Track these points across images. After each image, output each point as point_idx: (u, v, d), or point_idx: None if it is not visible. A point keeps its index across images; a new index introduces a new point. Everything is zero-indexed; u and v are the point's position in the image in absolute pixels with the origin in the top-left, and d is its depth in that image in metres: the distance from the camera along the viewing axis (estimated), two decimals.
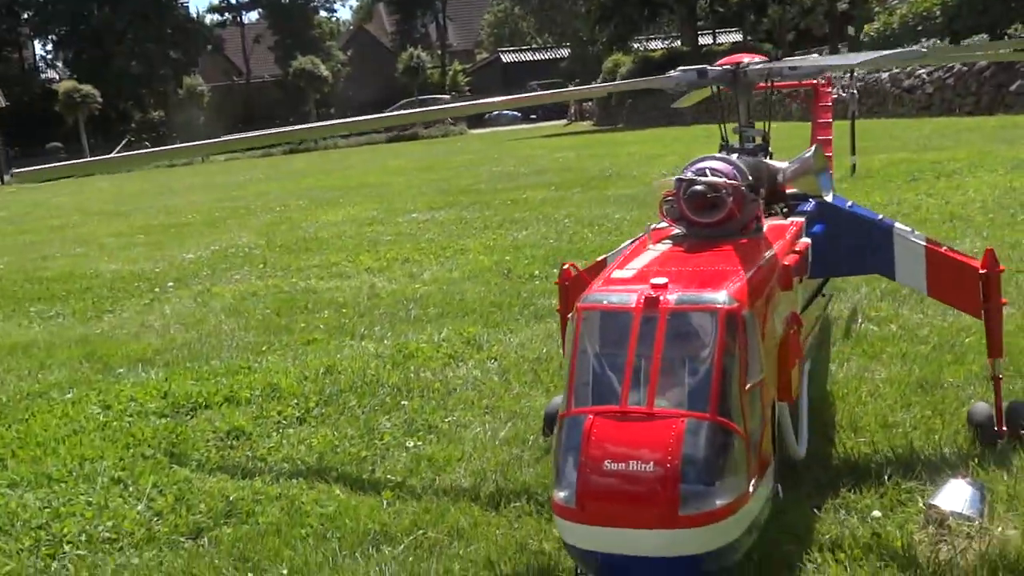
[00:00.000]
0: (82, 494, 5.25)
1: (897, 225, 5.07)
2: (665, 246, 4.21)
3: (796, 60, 5.22)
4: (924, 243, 4.95)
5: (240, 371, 7.42)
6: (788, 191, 4.78)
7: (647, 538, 3.13)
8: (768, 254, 4.02)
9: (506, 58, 76.53)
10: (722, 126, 5.13)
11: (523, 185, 20.30)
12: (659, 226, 4.49)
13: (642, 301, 3.44)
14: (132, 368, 7.96)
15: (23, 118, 52.47)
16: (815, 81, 6.88)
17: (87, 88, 46.82)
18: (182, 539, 4.71)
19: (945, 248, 5.01)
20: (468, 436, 5.64)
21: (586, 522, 3.22)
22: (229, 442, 5.93)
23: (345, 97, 62.40)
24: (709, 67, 4.94)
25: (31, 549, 4.69)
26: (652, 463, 3.13)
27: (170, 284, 12.11)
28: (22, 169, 2.74)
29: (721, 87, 5.10)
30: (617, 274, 3.87)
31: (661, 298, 3.44)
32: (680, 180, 4.21)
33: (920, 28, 31.05)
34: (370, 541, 4.45)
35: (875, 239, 5.03)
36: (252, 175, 34.71)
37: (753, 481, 3.32)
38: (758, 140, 5.05)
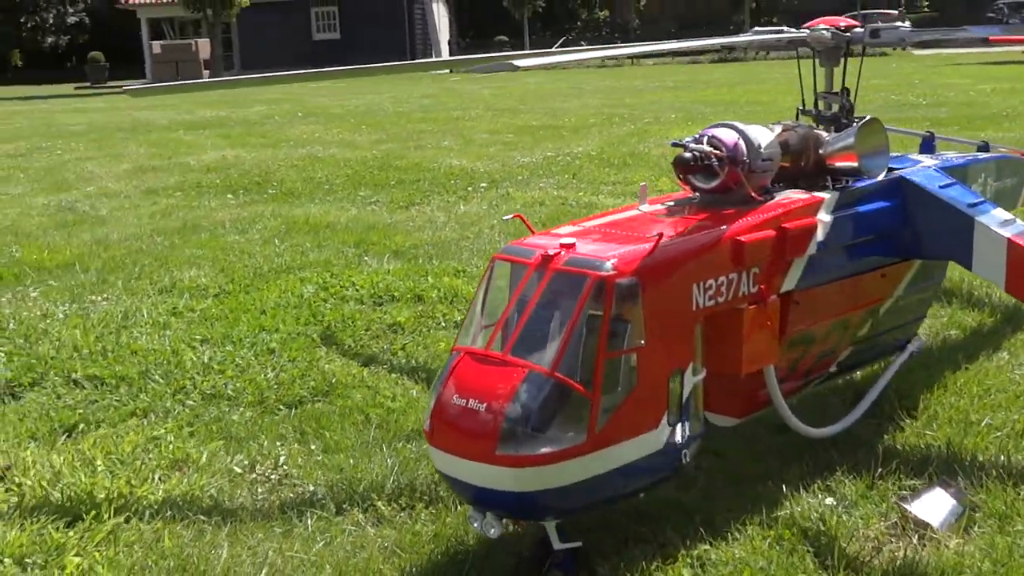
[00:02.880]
0: (239, 357, 6.33)
1: (989, 214, 4.75)
2: (647, 208, 4.35)
3: (898, 25, 4.95)
4: (1009, 235, 4.63)
5: (451, 273, 8.21)
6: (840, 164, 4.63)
7: (471, 468, 3.52)
8: (737, 226, 4.06)
9: None
10: (803, 89, 5.03)
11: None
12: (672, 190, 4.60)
13: (539, 258, 3.73)
14: (380, 257, 9.03)
15: (477, 11, 56.63)
16: None
17: None
18: (281, 407, 5.61)
19: None
20: None
21: (434, 446, 3.67)
22: (380, 333, 6.77)
23: (790, 7, 60.58)
24: (833, 29, 4.85)
25: (168, 393, 5.82)
26: (485, 403, 3.49)
27: (483, 185, 13.17)
28: (134, 86, 3.20)
29: (802, 51, 4.99)
30: (563, 229, 4.14)
31: (556, 257, 3.70)
32: (675, 144, 4.32)
33: None
34: (405, 437, 5.09)
35: (953, 224, 4.76)
36: (664, 82, 35.23)
37: (604, 440, 3.55)
38: (835, 108, 4.91)
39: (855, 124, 4.55)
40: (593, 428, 3.53)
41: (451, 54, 50.12)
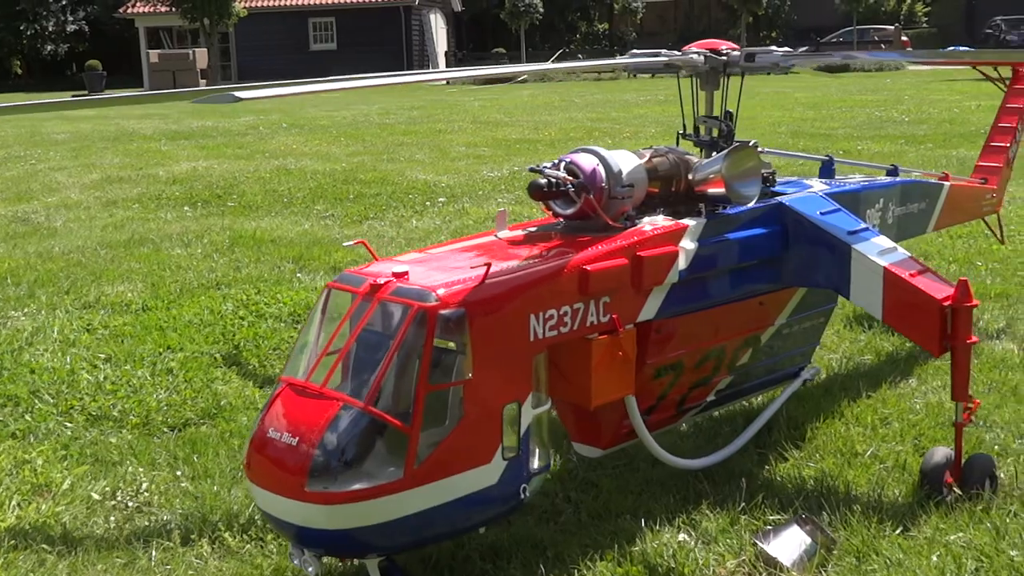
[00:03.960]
0: (136, 377, 6.23)
1: (868, 242, 4.64)
2: (505, 235, 4.25)
3: (783, 50, 4.85)
4: (885, 264, 4.52)
5: None
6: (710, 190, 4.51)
7: (284, 504, 3.41)
8: (586, 254, 3.95)
9: None
10: (683, 113, 4.94)
11: None
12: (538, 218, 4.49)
13: (367, 286, 3.62)
14: (315, 273, 8.94)
15: (477, 22, 56.54)
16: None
17: None
18: (165, 429, 5.52)
19: (915, 273, 4.53)
20: None
21: (250, 480, 3.56)
22: (275, 351, 6.67)
23: (790, 21, 60.54)
24: (708, 53, 4.75)
25: (54, 414, 5.72)
26: (297, 438, 3.39)
27: (441, 200, 13.07)
28: (86, 96, 3.09)
29: (683, 73, 4.89)
30: (407, 256, 4.05)
31: (384, 287, 3.60)
32: (532, 169, 4.22)
33: None
34: None
35: (831, 252, 4.65)
36: (656, 95, 35.07)
37: (426, 475, 3.44)
38: (715, 132, 4.81)
39: (723, 152, 4.44)
40: (412, 463, 3.42)
41: (448, 66, 50.07)
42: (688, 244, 4.29)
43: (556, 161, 4.23)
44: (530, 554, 4.10)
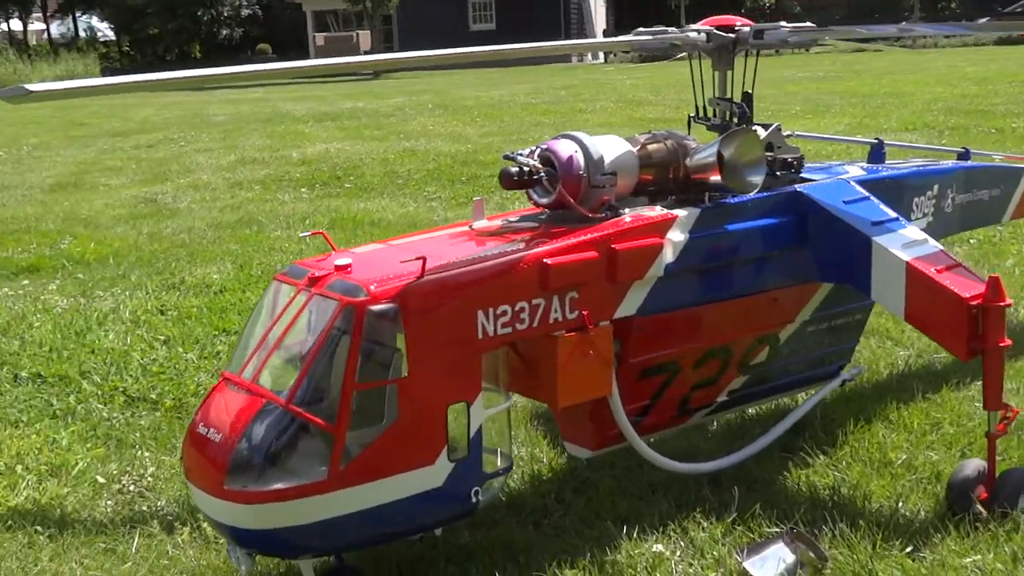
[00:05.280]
0: (183, 360, 6.34)
1: (895, 233, 4.24)
2: (481, 225, 4.06)
3: (792, 26, 4.46)
4: (909, 258, 4.12)
5: None
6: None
7: (209, 501, 3.35)
8: (551, 247, 3.72)
9: None
10: (695, 95, 4.62)
11: None
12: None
13: (307, 280, 3.51)
14: None
15: (637, 1, 55.69)
16: None
17: None
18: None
19: (943, 268, 4.12)
20: None
21: (184, 474, 3.51)
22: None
23: None
24: (715, 30, 4.44)
25: (97, 395, 5.86)
26: (220, 435, 3.31)
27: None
28: (38, 87, 3.08)
29: (700, 52, 4.56)
30: (364, 248, 3.91)
31: (321, 280, 3.48)
32: (506, 157, 4.01)
33: None
34: None
35: (850, 244, 4.28)
36: (816, 71, 33.78)
37: (354, 476, 3.31)
38: (728, 115, 4.48)
39: (718, 139, 4.12)
40: (337, 463, 3.30)
41: None
42: (677, 236, 4.01)
43: (535, 148, 4.02)
44: (501, 557, 3.93)
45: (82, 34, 70.38)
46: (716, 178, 4.08)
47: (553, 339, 3.74)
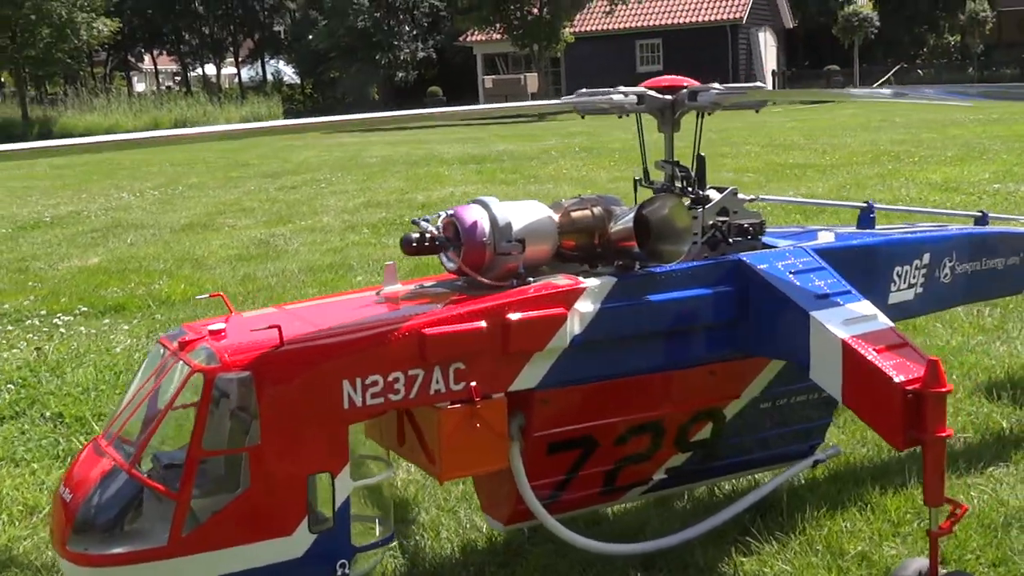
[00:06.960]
0: None
1: (837, 308, 3.94)
2: (390, 290, 3.98)
3: (742, 87, 4.22)
4: (845, 336, 3.82)
5: None
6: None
7: (61, 561, 3.39)
8: (435, 316, 3.63)
9: None
10: (644, 158, 4.44)
11: None
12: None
13: (178, 344, 3.54)
14: None
15: (812, 39, 54.49)
16: None
17: (866, 10, 46.68)
18: None
19: (884, 348, 3.80)
20: None
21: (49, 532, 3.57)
22: None
23: None
24: (649, 92, 4.29)
25: None
26: (71, 497, 3.36)
27: None
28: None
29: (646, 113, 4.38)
30: (256, 312, 3.89)
31: (188, 345, 3.50)
32: (415, 222, 3.94)
33: None
34: None
35: (788, 319, 4.00)
36: (989, 115, 32.14)
37: (197, 544, 3.30)
38: (675, 178, 4.28)
39: (633, 208, 3.94)
40: (178, 530, 3.29)
41: (774, 85, 48.57)
42: (585, 306, 3.83)
43: (444, 213, 3.94)
44: None
45: (269, 78, 74.00)
46: (631, 247, 3.90)
47: (436, 411, 3.64)
